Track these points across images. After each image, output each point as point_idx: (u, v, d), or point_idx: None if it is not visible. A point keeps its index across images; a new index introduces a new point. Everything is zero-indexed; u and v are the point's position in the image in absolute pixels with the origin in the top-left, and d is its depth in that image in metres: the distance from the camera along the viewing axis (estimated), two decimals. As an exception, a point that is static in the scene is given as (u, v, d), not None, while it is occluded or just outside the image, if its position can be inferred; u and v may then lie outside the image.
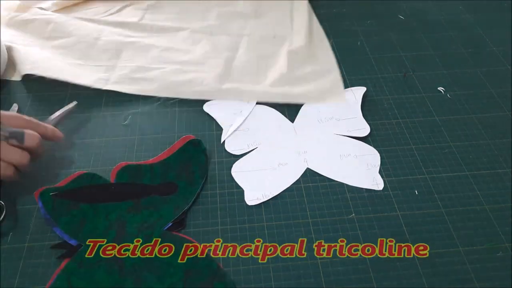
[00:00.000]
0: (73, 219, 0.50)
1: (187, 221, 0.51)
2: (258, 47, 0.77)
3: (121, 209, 0.51)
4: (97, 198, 0.52)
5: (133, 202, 0.52)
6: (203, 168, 0.56)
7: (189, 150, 0.57)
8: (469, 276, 0.47)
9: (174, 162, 0.56)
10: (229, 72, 0.71)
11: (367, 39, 0.79)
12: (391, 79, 0.71)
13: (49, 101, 0.66)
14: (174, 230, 0.50)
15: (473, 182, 0.56)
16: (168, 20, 0.81)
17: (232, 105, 0.66)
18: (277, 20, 0.83)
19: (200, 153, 0.57)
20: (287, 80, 0.69)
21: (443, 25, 0.82)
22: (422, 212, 0.53)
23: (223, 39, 0.78)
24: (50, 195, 0.51)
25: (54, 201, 0.50)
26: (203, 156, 0.57)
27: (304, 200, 0.54)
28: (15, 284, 0.46)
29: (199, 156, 0.56)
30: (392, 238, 0.50)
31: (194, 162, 0.56)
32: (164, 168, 0.55)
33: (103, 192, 0.52)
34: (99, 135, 0.61)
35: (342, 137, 0.61)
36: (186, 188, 0.54)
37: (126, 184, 0.53)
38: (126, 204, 0.51)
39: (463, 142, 0.61)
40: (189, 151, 0.57)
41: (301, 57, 0.74)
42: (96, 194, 0.52)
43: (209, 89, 0.67)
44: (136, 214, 0.50)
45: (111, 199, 0.52)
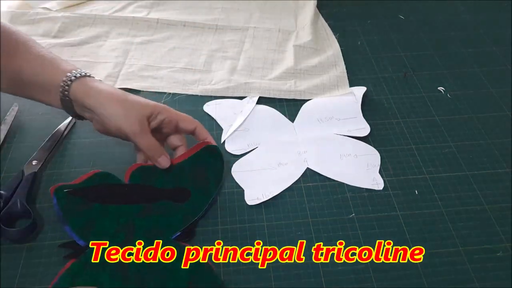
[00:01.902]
0: (83, 219, 0.49)
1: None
2: (264, 41, 0.77)
3: (131, 213, 0.50)
4: (110, 198, 0.51)
5: (144, 206, 0.51)
6: (219, 175, 0.54)
7: (205, 156, 0.55)
8: (469, 276, 0.47)
9: (189, 167, 0.54)
10: (236, 69, 0.72)
11: (367, 39, 0.79)
12: (391, 79, 0.71)
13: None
14: (182, 241, 0.49)
15: (473, 182, 0.56)
16: (173, 16, 0.82)
17: (232, 105, 0.66)
18: (281, 15, 0.84)
19: (217, 160, 0.55)
20: (293, 74, 0.70)
21: (443, 25, 0.82)
22: (422, 212, 0.53)
23: (228, 34, 0.79)
24: (65, 191, 0.50)
25: (68, 199, 0.50)
26: (219, 163, 0.55)
27: (304, 200, 0.54)
28: (15, 284, 0.46)
29: (216, 163, 0.55)
30: (392, 238, 0.50)
31: (210, 169, 0.54)
32: (178, 171, 0.54)
33: (116, 192, 0.52)
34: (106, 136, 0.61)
35: (342, 137, 0.61)
36: (199, 196, 0.52)
37: (139, 185, 0.53)
38: (137, 208, 0.51)
39: (463, 142, 0.61)
40: (205, 157, 0.55)
41: (308, 51, 0.75)
42: (109, 194, 0.51)
43: (218, 87, 0.68)
44: (146, 218, 0.50)
45: (123, 201, 0.51)
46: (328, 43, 0.78)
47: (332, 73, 0.71)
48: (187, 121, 0.55)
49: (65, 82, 0.51)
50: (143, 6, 0.84)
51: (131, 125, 0.50)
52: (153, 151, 0.52)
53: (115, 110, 0.50)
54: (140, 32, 0.78)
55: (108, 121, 0.51)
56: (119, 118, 0.50)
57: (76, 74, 0.51)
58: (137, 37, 0.78)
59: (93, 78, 0.53)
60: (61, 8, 0.81)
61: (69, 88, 0.51)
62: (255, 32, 0.79)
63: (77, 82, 0.51)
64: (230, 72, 0.71)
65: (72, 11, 0.81)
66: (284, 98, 0.67)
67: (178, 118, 0.54)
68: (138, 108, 0.51)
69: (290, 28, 0.81)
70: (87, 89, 0.51)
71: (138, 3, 0.85)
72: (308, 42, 0.76)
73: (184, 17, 0.82)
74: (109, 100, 0.50)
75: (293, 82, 0.69)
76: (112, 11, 0.82)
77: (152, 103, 0.53)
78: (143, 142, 0.51)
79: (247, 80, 0.69)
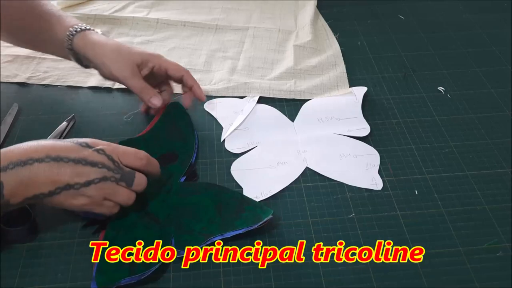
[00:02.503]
0: None
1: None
2: (264, 41, 0.78)
3: None
4: None
5: None
6: (189, 123, 0.61)
7: (170, 112, 0.62)
8: (469, 276, 0.47)
9: (162, 126, 0.60)
10: (236, 69, 0.72)
11: (367, 39, 0.79)
12: (391, 79, 0.71)
13: (49, 101, 0.66)
14: (191, 181, 0.55)
15: (473, 182, 0.56)
16: (173, 16, 0.82)
17: (232, 104, 0.66)
18: (281, 15, 0.84)
19: (182, 113, 0.62)
20: (293, 74, 0.71)
21: (443, 25, 0.82)
22: (422, 212, 0.53)
23: (228, 34, 0.79)
24: None
25: None
26: (185, 114, 0.61)
27: (304, 200, 0.54)
28: (15, 284, 0.46)
29: (182, 115, 0.61)
30: (392, 238, 0.50)
31: (180, 121, 0.61)
32: (155, 134, 0.59)
33: None
34: (105, 135, 0.61)
35: (342, 137, 0.61)
36: (184, 146, 0.58)
37: None
38: None
39: (463, 142, 0.61)
40: (172, 113, 0.62)
41: (308, 51, 0.75)
42: None
43: (218, 87, 0.68)
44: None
45: None
46: (328, 43, 0.78)
47: (332, 73, 0.71)
48: (175, 69, 0.60)
49: (68, 36, 0.57)
50: (143, 6, 0.85)
51: (122, 71, 0.57)
52: (144, 93, 0.58)
53: (108, 59, 0.57)
54: (140, 32, 0.79)
55: (104, 68, 0.57)
56: (112, 66, 0.57)
57: (76, 29, 0.57)
58: (137, 37, 0.78)
59: (92, 31, 0.59)
60: (61, 8, 0.81)
61: (71, 42, 0.58)
62: (255, 32, 0.79)
63: (78, 36, 0.57)
64: (230, 72, 0.71)
65: (72, 10, 0.82)
66: (284, 98, 0.67)
67: (167, 66, 0.59)
68: (128, 56, 0.57)
69: (290, 28, 0.81)
70: (85, 42, 0.57)
71: (138, 3, 0.85)
72: (308, 42, 0.76)
73: (184, 17, 0.82)
74: (103, 50, 0.57)
75: (293, 82, 0.69)
76: (112, 11, 0.82)
77: (143, 52, 0.59)
78: (134, 85, 0.57)
79: (247, 80, 0.69)
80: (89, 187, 0.44)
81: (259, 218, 0.48)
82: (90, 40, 0.57)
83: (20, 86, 0.68)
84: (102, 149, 0.45)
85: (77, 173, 0.43)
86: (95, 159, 0.44)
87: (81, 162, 0.44)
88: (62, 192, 0.43)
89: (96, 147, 0.45)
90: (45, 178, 0.42)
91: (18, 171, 0.42)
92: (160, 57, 0.60)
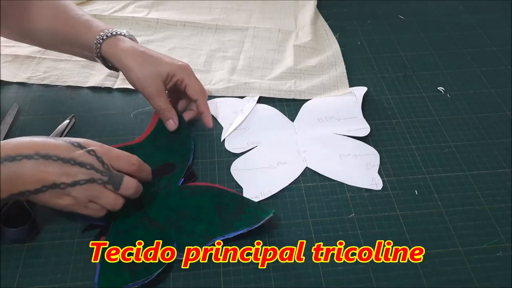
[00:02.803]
0: None
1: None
2: (264, 41, 0.78)
3: None
4: None
5: None
6: (185, 125, 0.60)
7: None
8: (469, 276, 0.47)
9: (160, 131, 0.60)
10: (236, 69, 0.72)
11: (367, 39, 0.79)
12: (391, 79, 0.71)
13: (49, 100, 0.66)
14: (189, 182, 0.55)
15: (473, 182, 0.56)
16: (173, 16, 0.82)
17: (232, 104, 0.66)
18: (281, 15, 0.84)
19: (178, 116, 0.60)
20: (293, 74, 0.70)
21: (443, 25, 0.82)
22: (422, 212, 0.53)
23: (228, 34, 0.79)
24: None
25: None
26: (180, 117, 0.60)
27: (304, 200, 0.54)
28: (15, 284, 0.46)
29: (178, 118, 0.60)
30: (392, 238, 0.50)
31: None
32: (153, 140, 0.59)
33: None
34: (105, 135, 0.61)
35: (342, 137, 0.61)
36: (181, 148, 0.58)
37: None
38: None
39: (463, 142, 0.61)
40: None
41: (308, 51, 0.75)
42: None
43: (218, 87, 0.68)
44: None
45: None
46: (328, 43, 0.78)
47: (332, 73, 0.71)
48: (193, 89, 0.59)
49: (97, 43, 0.57)
50: (143, 6, 0.84)
51: (147, 87, 0.56)
52: (163, 114, 0.58)
53: (134, 74, 0.56)
54: (140, 32, 0.78)
55: (129, 80, 0.57)
56: (137, 82, 0.56)
57: (107, 34, 0.57)
58: (137, 37, 0.76)
59: (121, 37, 0.58)
60: None
61: (100, 48, 0.57)
62: (255, 32, 0.79)
63: (106, 43, 0.57)
64: (230, 72, 0.71)
65: None
66: (284, 98, 0.67)
67: (187, 84, 0.58)
68: (155, 69, 0.56)
69: (290, 28, 0.81)
70: (113, 50, 0.57)
71: (138, 3, 0.85)
72: (308, 42, 0.76)
73: (184, 17, 0.82)
74: (129, 62, 0.56)
75: (293, 82, 0.69)
76: (112, 11, 0.82)
77: (172, 63, 0.58)
78: (156, 104, 0.57)
79: (247, 80, 0.69)
80: (75, 187, 0.43)
81: (259, 219, 0.48)
82: (117, 48, 0.56)
83: (20, 86, 0.68)
84: (93, 150, 0.45)
85: (64, 173, 0.43)
86: (84, 160, 0.44)
87: (70, 162, 0.43)
88: (48, 190, 0.43)
89: (88, 147, 0.45)
90: (32, 176, 0.42)
91: (6, 166, 0.41)
92: (186, 71, 0.58)
